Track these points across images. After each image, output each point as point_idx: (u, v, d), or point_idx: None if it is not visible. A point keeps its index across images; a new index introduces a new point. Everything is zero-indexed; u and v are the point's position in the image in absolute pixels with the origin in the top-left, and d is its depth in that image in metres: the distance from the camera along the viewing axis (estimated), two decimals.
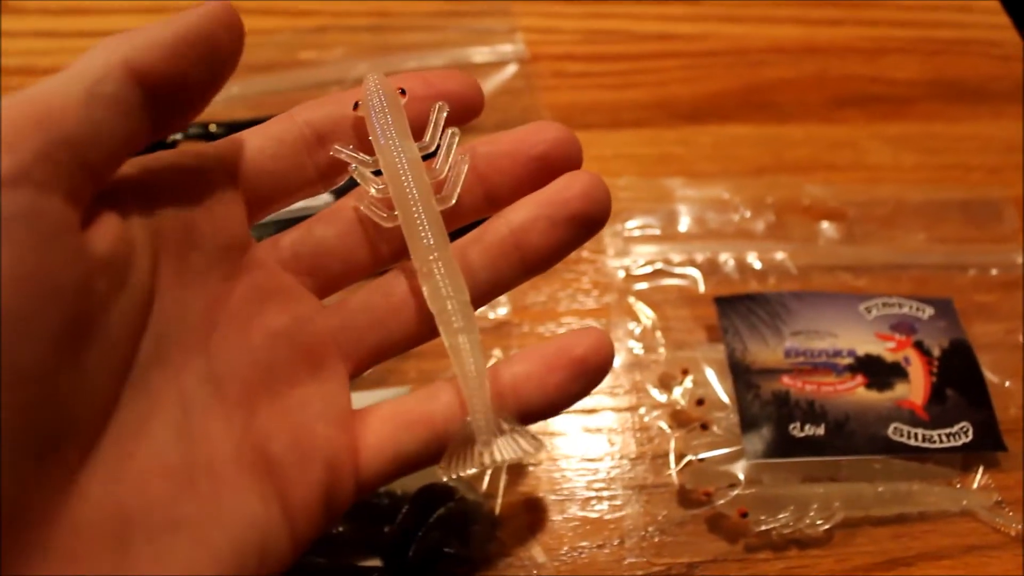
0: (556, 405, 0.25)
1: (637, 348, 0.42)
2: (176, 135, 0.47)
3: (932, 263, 0.46)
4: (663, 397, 0.40)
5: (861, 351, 0.40)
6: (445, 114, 0.27)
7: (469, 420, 0.25)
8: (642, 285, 0.44)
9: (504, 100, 0.52)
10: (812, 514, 0.36)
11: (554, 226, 0.26)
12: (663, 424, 0.40)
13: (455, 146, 0.27)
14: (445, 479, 0.35)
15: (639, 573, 0.36)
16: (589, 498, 0.38)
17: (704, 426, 0.39)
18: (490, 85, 0.52)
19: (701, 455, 0.38)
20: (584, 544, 0.37)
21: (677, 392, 0.40)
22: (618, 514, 0.37)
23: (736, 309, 0.42)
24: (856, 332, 0.41)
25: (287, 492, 0.23)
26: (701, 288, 0.44)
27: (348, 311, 0.26)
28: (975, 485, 0.38)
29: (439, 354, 0.27)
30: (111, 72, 0.20)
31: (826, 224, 0.47)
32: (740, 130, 0.52)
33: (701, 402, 0.39)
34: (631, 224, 0.46)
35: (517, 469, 0.38)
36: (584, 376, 0.25)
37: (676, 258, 0.45)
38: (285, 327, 0.25)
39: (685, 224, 0.46)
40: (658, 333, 0.42)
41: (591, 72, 0.54)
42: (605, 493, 0.38)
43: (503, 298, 0.43)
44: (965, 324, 0.42)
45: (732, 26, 0.57)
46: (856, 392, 0.39)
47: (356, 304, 0.26)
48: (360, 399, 0.33)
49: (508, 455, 0.25)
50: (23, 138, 0.18)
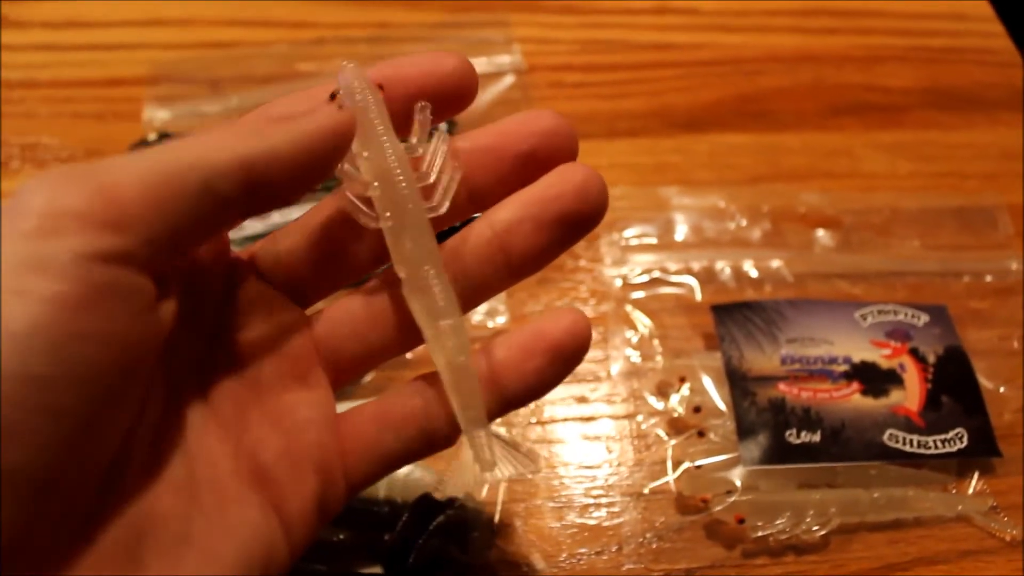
0: (535, 391, 0.25)
1: (634, 356, 0.42)
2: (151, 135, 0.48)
3: (927, 270, 0.46)
4: (660, 405, 0.41)
5: (857, 358, 0.41)
6: (428, 114, 0.24)
7: (466, 440, 0.25)
8: (639, 294, 0.45)
9: (501, 111, 0.52)
10: (809, 520, 0.37)
11: (539, 228, 0.25)
12: (660, 431, 0.40)
13: (445, 149, 0.25)
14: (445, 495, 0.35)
15: None
16: (587, 505, 0.38)
17: (701, 433, 0.39)
18: (487, 96, 0.53)
19: (698, 462, 0.38)
20: (583, 551, 0.37)
21: (674, 400, 0.40)
22: (616, 521, 0.38)
23: (733, 317, 0.42)
24: (852, 339, 0.41)
25: (282, 500, 0.23)
26: (698, 296, 0.45)
27: (328, 321, 0.26)
28: (970, 491, 0.39)
29: None
30: (229, 172, 0.20)
31: (822, 232, 0.47)
32: (736, 139, 0.52)
33: (698, 409, 0.40)
34: (628, 233, 0.47)
35: (516, 477, 0.39)
36: (561, 360, 0.25)
37: (673, 266, 0.45)
38: (270, 337, 0.25)
39: (682, 233, 0.47)
40: (655, 341, 0.43)
41: (588, 82, 0.55)
42: (603, 500, 0.38)
43: (501, 306, 0.43)
44: (960, 331, 0.43)
45: (728, 35, 0.58)
46: (852, 399, 0.39)
47: (336, 314, 0.26)
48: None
49: (506, 474, 0.25)
50: (136, 219, 0.19)
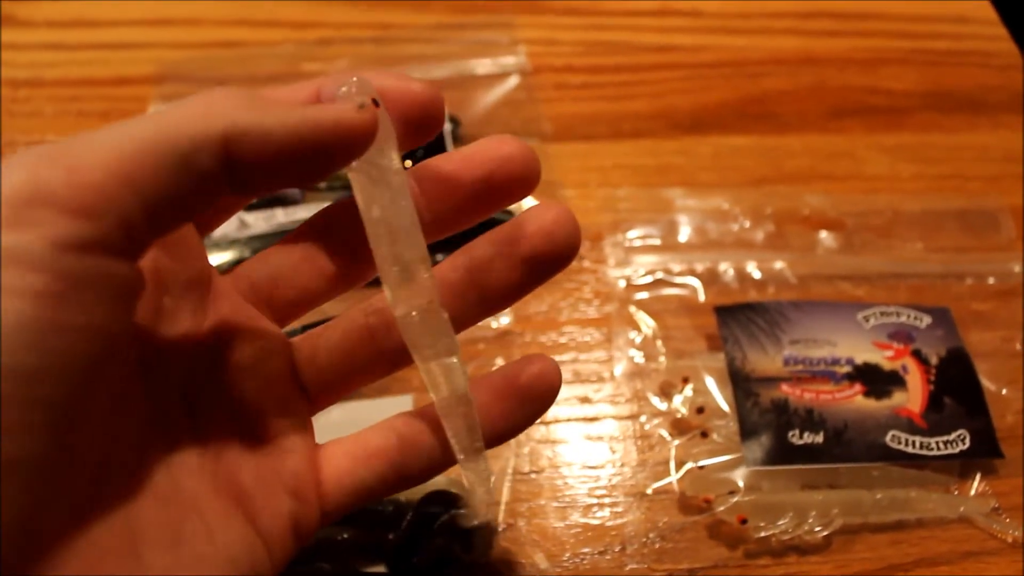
0: (502, 434, 0.26)
1: (638, 357, 0.43)
2: None
3: (930, 272, 0.47)
4: (664, 405, 0.41)
5: (859, 359, 0.41)
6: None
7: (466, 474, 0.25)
8: (643, 295, 0.45)
9: (506, 112, 0.52)
10: (811, 521, 0.37)
11: (512, 267, 0.25)
12: (664, 432, 0.40)
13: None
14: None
15: None
16: (591, 505, 0.38)
17: (704, 434, 0.39)
18: (492, 97, 0.53)
19: (701, 462, 0.38)
20: (586, 550, 0.37)
21: (677, 400, 0.40)
22: (619, 521, 0.38)
23: (736, 318, 0.42)
24: (854, 341, 0.42)
25: (259, 521, 0.24)
26: (701, 297, 0.45)
27: (313, 344, 0.26)
28: (972, 492, 0.39)
29: None
30: (209, 145, 0.19)
31: (824, 234, 0.47)
32: (739, 141, 0.52)
33: (701, 410, 0.40)
34: (632, 234, 0.47)
35: (520, 477, 0.39)
36: (529, 403, 0.26)
37: (676, 268, 0.46)
38: (251, 360, 0.25)
39: (685, 234, 0.47)
40: (659, 342, 0.43)
41: (592, 83, 0.55)
42: (606, 500, 0.38)
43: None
44: (962, 332, 0.43)
45: (731, 38, 0.58)
46: (854, 400, 0.40)
47: (321, 337, 0.26)
48: (364, 408, 0.33)
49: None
50: (109, 203, 0.18)
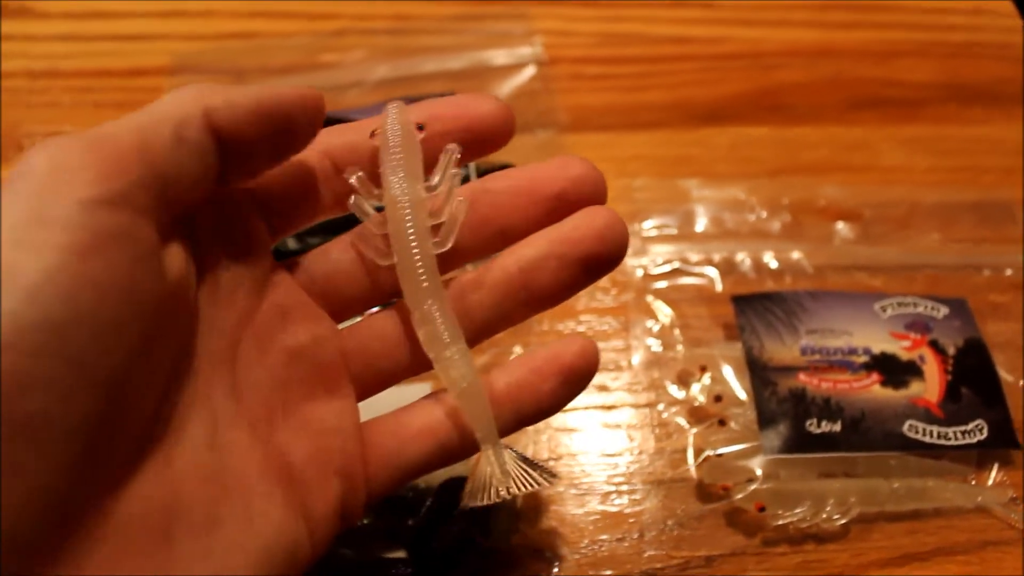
0: (548, 410, 0.27)
1: (655, 345, 0.43)
2: None
3: (946, 263, 0.47)
4: (681, 394, 0.41)
5: (876, 349, 0.41)
6: (455, 157, 0.26)
7: (482, 457, 0.26)
8: (660, 284, 0.45)
9: (522, 102, 0.52)
10: (828, 509, 0.37)
11: (564, 266, 0.26)
12: (681, 420, 0.40)
13: (456, 188, 0.26)
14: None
15: (658, 566, 0.36)
16: (609, 492, 0.38)
17: (722, 422, 0.39)
18: (508, 88, 0.53)
19: (719, 450, 0.38)
20: (604, 537, 0.37)
21: (695, 389, 0.40)
22: (637, 508, 0.38)
23: (753, 307, 0.42)
24: (871, 331, 0.42)
25: (308, 502, 0.24)
26: (718, 287, 0.45)
27: (361, 336, 0.27)
28: (990, 482, 0.39)
29: None
30: (192, 120, 0.22)
31: (841, 224, 0.47)
32: (756, 132, 0.52)
33: (719, 398, 0.40)
34: (648, 224, 0.47)
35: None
36: (573, 381, 0.27)
37: (693, 257, 0.46)
38: (304, 345, 0.26)
39: (702, 224, 0.47)
40: (676, 331, 0.43)
41: (608, 74, 0.55)
42: (624, 487, 0.39)
43: None
44: (980, 324, 0.43)
45: (747, 29, 0.58)
46: (872, 389, 0.40)
47: (369, 330, 0.27)
48: (385, 394, 0.33)
49: (524, 489, 0.26)
50: (128, 164, 0.20)
